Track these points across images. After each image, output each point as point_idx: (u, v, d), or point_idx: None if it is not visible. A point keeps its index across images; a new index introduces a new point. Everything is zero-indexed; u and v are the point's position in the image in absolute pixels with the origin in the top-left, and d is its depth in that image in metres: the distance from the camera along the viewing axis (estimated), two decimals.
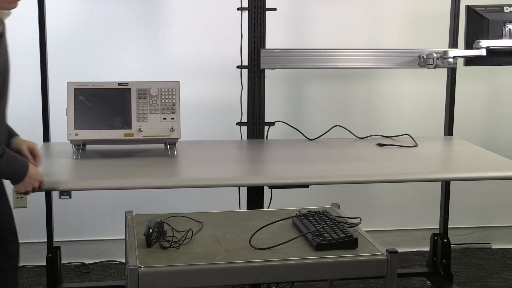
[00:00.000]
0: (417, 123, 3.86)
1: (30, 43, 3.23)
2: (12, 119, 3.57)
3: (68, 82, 2.79)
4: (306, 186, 2.54)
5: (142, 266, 2.00)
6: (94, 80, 2.93)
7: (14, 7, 2.23)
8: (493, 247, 4.17)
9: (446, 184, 3.43)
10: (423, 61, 3.11)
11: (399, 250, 2.29)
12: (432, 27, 3.80)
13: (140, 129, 2.77)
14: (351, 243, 2.21)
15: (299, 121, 3.17)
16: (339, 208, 2.60)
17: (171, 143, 2.82)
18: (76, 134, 2.75)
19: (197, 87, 3.64)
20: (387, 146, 3.01)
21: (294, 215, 2.41)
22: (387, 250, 2.17)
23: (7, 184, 2.38)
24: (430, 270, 3.58)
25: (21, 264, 3.71)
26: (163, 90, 2.82)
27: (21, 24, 3.47)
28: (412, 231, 4.12)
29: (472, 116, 4.02)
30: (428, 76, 3.80)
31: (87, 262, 3.79)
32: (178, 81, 2.86)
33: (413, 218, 4.11)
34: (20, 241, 2.51)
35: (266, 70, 3.16)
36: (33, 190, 2.30)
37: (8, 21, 3.64)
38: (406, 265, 3.91)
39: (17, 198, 3.61)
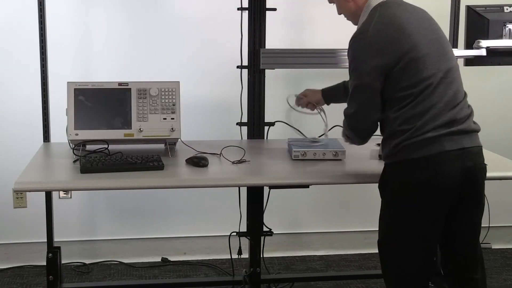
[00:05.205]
0: None
1: (30, 43, 3.22)
2: (12, 119, 3.60)
3: (68, 82, 2.79)
4: (306, 186, 2.54)
5: None
6: (94, 80, 2.93)
7: None
8: (493, 247, 4.17)
9: None
10: None
11: None
12: None
13: (140, 129, 2.77)
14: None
15: (299, 121, 3.17)
16: None
17: (171, 143, 2.82)
18: (76, 134, 2.75)
19: (197, 87, 3.64)
20: None
21: None
22: None
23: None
24: None
25: (21, 264, 3.74)
26: (163, 90, 2.81)
27: (21, 24, 3.48)
28: None
29: None
30: None
31: (87, 262, 3.79)
32: (178, 81, 2.85)
33: None
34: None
35: (266, 70, 3.16)
36: None
37: (8, 21, 3.64)
38: None
39: (17, 198, 3.61)
